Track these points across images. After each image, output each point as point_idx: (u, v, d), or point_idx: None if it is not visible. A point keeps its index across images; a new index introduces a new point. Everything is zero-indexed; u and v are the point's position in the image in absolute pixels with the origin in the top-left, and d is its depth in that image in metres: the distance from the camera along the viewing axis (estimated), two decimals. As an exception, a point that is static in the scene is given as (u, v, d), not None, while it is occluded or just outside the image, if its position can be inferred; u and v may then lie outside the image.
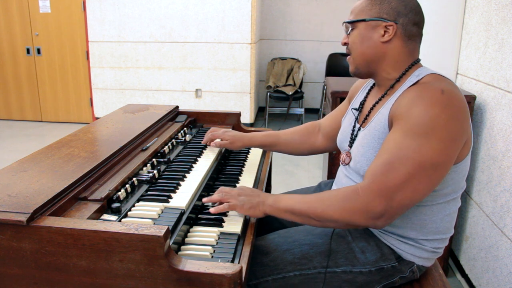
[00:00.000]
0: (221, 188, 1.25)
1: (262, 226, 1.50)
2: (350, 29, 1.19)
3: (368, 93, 1.31)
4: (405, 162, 1.01)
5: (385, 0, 1.14)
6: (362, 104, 1.30)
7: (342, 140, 1.34)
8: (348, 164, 1.27)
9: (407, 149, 1.02)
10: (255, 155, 1.76)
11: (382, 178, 1.02)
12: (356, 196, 1.04)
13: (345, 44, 1.22)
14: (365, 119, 1.24)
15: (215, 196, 1.22)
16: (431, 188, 1.05)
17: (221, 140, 1.60)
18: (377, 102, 1.21)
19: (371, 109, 1.22)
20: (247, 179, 1.50)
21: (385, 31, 1.14)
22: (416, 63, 1.18)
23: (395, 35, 1.14)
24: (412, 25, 1.14)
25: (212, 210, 1.19)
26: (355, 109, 1.32)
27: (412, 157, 1.01)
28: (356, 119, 1.29)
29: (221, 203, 1.21)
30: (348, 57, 1.24)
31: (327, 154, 2.59)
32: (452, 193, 1.15)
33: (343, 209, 1.05)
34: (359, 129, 1.25)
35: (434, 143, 1.00)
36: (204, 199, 1.24)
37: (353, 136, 1.27)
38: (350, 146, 1.28)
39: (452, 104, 1.02)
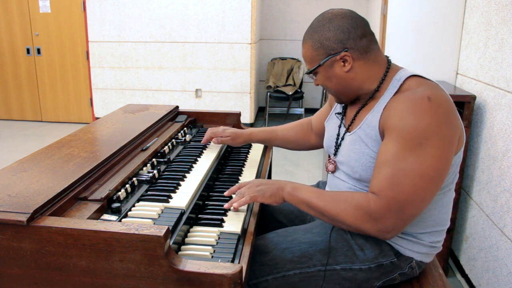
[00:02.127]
0: (237, 185, 1.26)
1: (261, 224, 1.50)
2: (313, 76, 1.23)
3: None
4: (408, 174, 1.04)
5: (322, 38, 1.15)
6: (344, 109, 1.32)
7: (328, 145, 1.36)
8: (333, 172, 1.30)
9: (406, 161, 1.04)
10: (255, 155, 1.76)
11: (389, 193, 1.05)
12: (369, 208, 1.07)
13: (317, 84, 1.25)
14: (351, 124, 1.25)
15: (236, 198, 1.22)
16: (436, 193, 1.09)
17: (222, 137, 1.62)
18: (360, 109, 1.22)
19: (355, 115, 1.24)
20: (247, 179, 1.50)
21: (343, 62, 1.15)
22: (389, 67, 1.18)
23: (353, 60, 1.15)
24: (360, 40, 1.14)
25: (235, 205, 1.19)
26: (339, 113, 1.33)
27: (413, 169, 1.03)
28: (341, 124, 1.30)
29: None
30: (326, 89, 1.27)
31: (327, 154, 2.59)
32: (449, 185, 1.18)
33: (355, 217, 1.08)
34: (344, 134, 1.27)
35: (431, 151, 1.03)
36: (226, 205, 1.23)
37: (338, 143, 1.29)
38: (335, 153, 1.29)
39: (441, 109, 1.05)
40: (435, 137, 1.03)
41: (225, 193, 1.27)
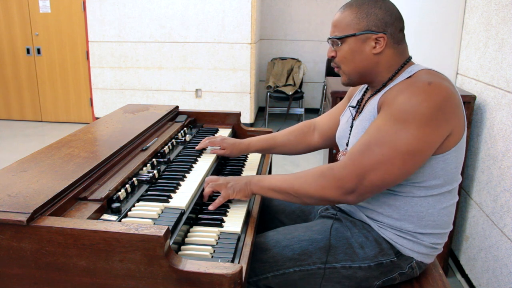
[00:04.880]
0: (208, 178, 1.31)
1: (262, 225, 1.50)
2: (339, 43, 1.18)
3: (365, 92, 1.33)
4: (381, 144, 1.05)
5: (371, 12, 1.14)
6: (359, 102, 1.32)
7: (340, 137, 1.36)
8: None
9: (385, 133, 1.06)
10: (255, 155, 1.76)
11: (357, 157, 1.07)
12: (331, 172, 1.09)
13: (332, 57, 1.22)
14: (361, 113, 1.26)
15: (207, 189, 1.28)
16: (404, 173, 1.08)
17: (220, 148, 1.58)
18: (369, 98, 1.24)
19: (364, 104, 1.25)
20: (247, 179, 1.50)
21: (376, 43, 1.15)
22: (407, 61, 1.20)
23: (386, 45, 1.15)
24: (398, 32, 1.17)
25: (210, 207, 1.24)
26: (353, 107, 1.34)
27: (388, 141, 1.05)
28: (353, 117, 1.31)
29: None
30: (337, 69, 1.24)
31: (327, 154, 2.59)
32: (446, 185, 1.16)
33: (317, 184, 1.11)
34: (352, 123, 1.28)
35: (412, 130, 1.03)
36: (204, 198, 1.29)
37: (350, 134, 1.29)
38: (348, 144, 1.30)
39: (437, 94, 1.04)
40: (421, 118, 1.03)
41: (204, 198, 1.30)
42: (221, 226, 1.15)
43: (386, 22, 1.14)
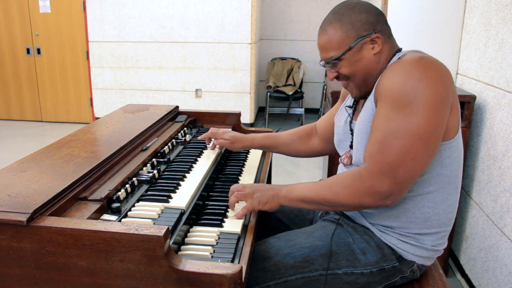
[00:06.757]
0: (233, 187, 1.26)
1: (261, 223, 1.49)
2: (338, 63, 1.17)
3: None
4: (397, 135, 1.02)
5: (353, 20, 1.14)
6: (356, 101, 1.31)
7: (340, 140, 1.34)
8: (349, 164, 1.27)
9: (396, 122, 1.03)
10: (255, 155, 1.76)
11: (380, 156, 1.04)
12: (361, 179, 1.06)
13: (336, 78, 1.20)
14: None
15: (233, 199, 1.23)
16: (429, 156, 1.06)
17: (221, 139, 1.58)
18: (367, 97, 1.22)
19: (363, 104, 1.23)
20: (247, 179, 1.50)
21: (372, 43, 1.14)
22: (398, 52, 1.19)
23: (382, 42, 1.15)
24: (385, 25, 1.17)
25: (235, 217, 1.19)
26: (349, 106, 1.32)
27: (403, 129, 1.02)
28: (351, 117, 1.29)
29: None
30: (346, 84, 1.22)
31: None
32: (451, 176, 1.15)
33: (351, 194, 1.07)
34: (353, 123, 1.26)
35: (421, 110, 1.01)
36: (230, 207, 1.24)
37: (353, 135, 1.27)
38: (351, 146, 1.27)
39: (432, 67, 1.03)
40: (424, 95, 1.01)
41: (230, 209, 1.25)
42: (221, 226, 1.15)
43: (372, 22, 1.14)
